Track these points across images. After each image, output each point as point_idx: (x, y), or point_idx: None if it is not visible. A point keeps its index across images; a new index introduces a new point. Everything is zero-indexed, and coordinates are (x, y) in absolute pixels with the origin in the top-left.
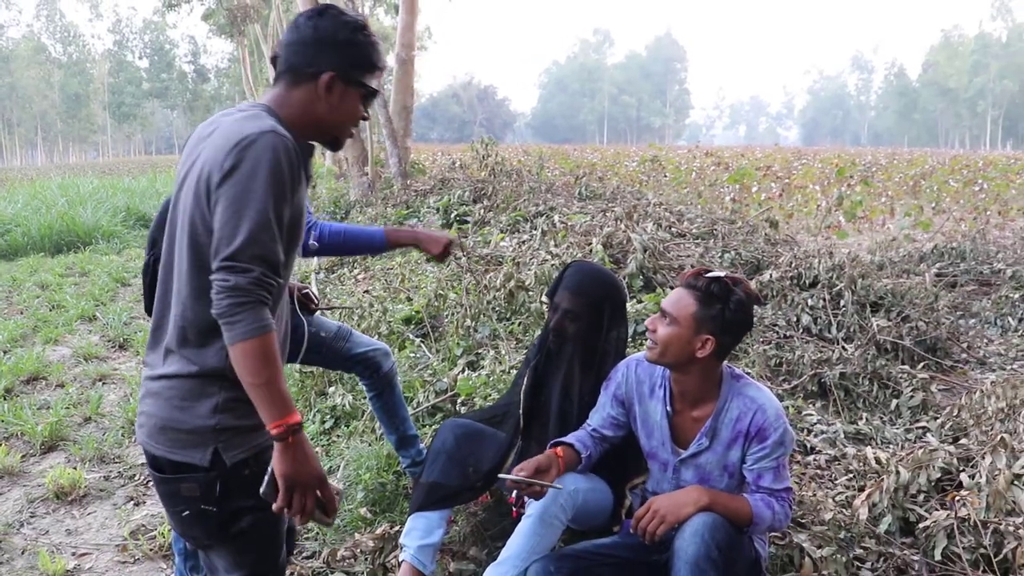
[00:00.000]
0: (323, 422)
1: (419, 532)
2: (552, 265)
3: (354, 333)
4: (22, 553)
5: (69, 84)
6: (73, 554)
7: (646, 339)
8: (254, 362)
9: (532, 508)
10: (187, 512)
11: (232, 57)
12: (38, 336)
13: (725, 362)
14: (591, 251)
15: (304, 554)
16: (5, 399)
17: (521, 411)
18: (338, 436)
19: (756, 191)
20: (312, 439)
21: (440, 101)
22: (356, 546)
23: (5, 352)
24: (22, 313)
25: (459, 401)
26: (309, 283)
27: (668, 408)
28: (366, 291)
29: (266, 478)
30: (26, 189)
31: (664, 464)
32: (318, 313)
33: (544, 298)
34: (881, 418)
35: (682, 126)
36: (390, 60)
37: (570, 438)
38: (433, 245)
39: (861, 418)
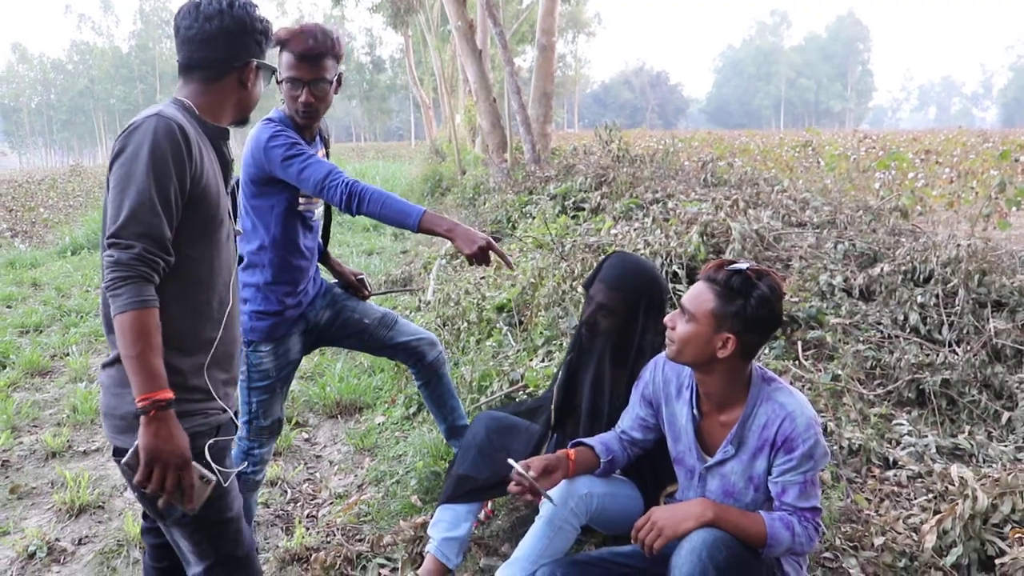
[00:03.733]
0: (407, 407)
1: (445, 524)
2: (642, 255)
3: (400, 321)
4: (119, 515)
5: None
6: None
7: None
8: (128, 335)
9: (544, 510)
10: (137, 495)
11: (404, 47)
12: None
13: (756, 363)
14: (688, 240)
15: (357, 536)
16: None
17: (553, 406)
18: (419, 422)
19: (912, 177)
20: (395, 424)
21: (612, 87)
22: (398, 533)
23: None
24: None
25: (527, 391)
26: (432, 268)
27: (695, 411)
28: (482, 278)
29: (131, 449)
30: None
31: (691, 471)
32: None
33: (580, 288)
34: (989, 433)
35: (865, 109)
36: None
37: (593, 440)
38: (466, 244)
39: (963, 431)
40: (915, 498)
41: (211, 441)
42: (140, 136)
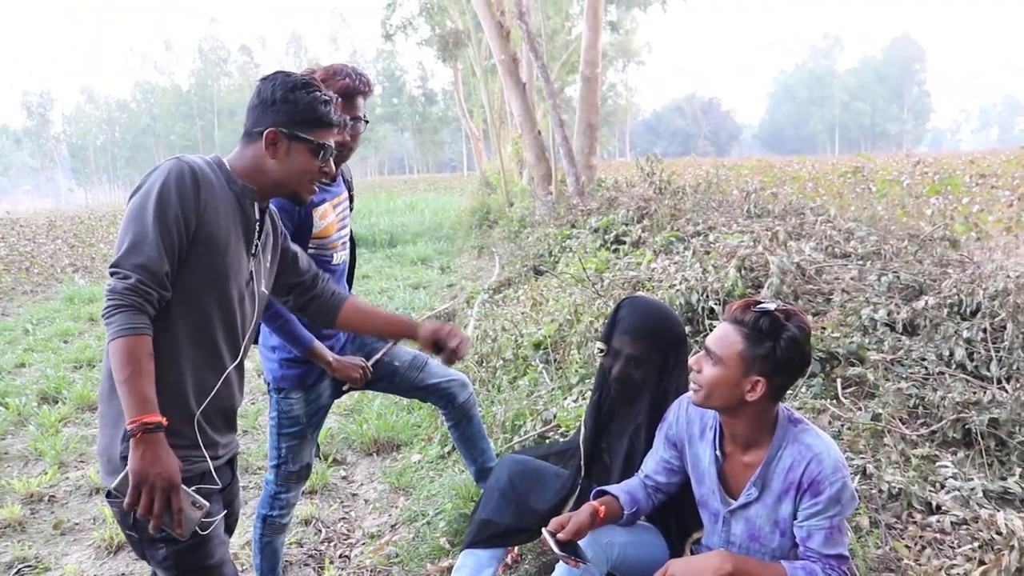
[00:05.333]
0: (443, 446)
1: (468, 569)
2: (678, 291)
3: (430, 363)
4: None
5: None
6: None
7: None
8: (119, 360)
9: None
10: (125, 533)
11: (454, 80)
12: None
13: (782, 404)
14: (725, 275)
15: None
16: None
17: (583, 458)
18: (453, 461)
19: (966, 202)
20: (430, 463)
21: (663, 115)
22: None
23: None
24: None
25: (559, 432)
26: (475, 302)
27: (717, 452)
28: (522, 313)
29: (120, 475)
30: None
31: (715, 515)
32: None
33: (599, 344)
34: None
35: (923, 132)
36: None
37: (617, 489)
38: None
39: (1014, 474)
40: (959, 546)
41: (194, 488)
42: (156, 175)
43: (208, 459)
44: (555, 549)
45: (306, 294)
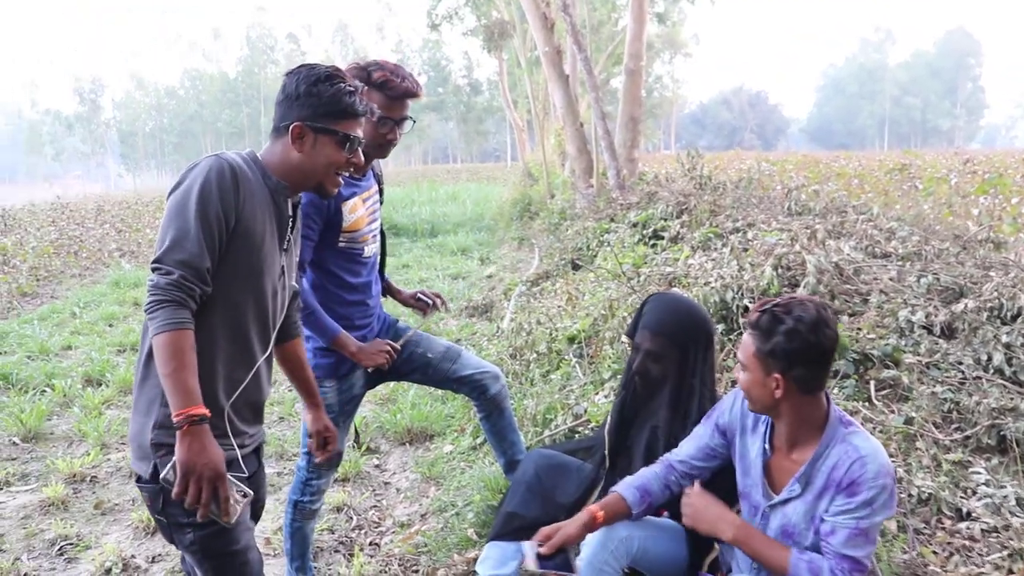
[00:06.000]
0: (475, 437)
1: (492, 561)
2: (712, 288)
3: (463, 354)
4: None
5: None
6: None
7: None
8: (163, 354)
9: (584, 552)
10: (155, 519)
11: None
12: None
13: (835, 406)
14: (761, 273)
15: (413, 567)
16: None
17: (607, 451)
18: (484, 453)
19: (1016, 202)
20: (462, 454)
21: (710, 108)
22: (451, 567)
23: None
24: None
25: (589, 427)
26: (512, 294)
27: (767, 446)
28: (560, 307)
29: (169, 465)
30: None
31: (755, 507)
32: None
33: (624, 337)
34: None
35: (976, 128)
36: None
37: (627, 485)
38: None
39: None
40: (988, 554)
41: None
42: (196, 172)
43: (236, 447)
44: (532, 567)
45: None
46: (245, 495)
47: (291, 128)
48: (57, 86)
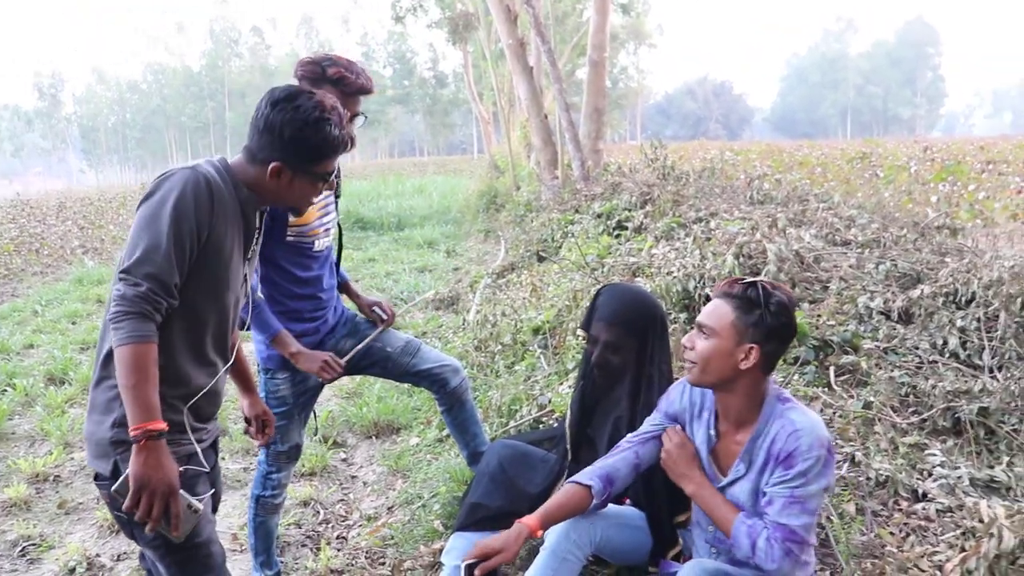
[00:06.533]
0: (441, 429)
1: (457, 552)
2: (675, 277)
3: (423, 348)
4: None
5: None
6: None
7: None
8: (125, 367)
9: (547, 541)
10: (115, 517)
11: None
12: None
13: (772, 383)
14: (723, 262)
15: (380, 559)
16: None
17: (568, 445)
18: (451, 444)
19: (972, 189)
20: (429, 446)
21: (675, 98)
22: (417, 559)
23: None
24: None
25: (554, 417)
26: (478, 287)
27: (712, 431)
28: (525, 298)
29: (121, 478)
30: None
31: None
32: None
33: (579, 330)
34: None
35: (936, 116)
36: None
37: (590, 474)
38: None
39: (1001, 463)
40: (943, 534)
41: (181, 469)
42: (172, 184)
43: (195, 443)
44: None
45: None
46: (196, 511)
47: (270, 168)
48: (16, 81)
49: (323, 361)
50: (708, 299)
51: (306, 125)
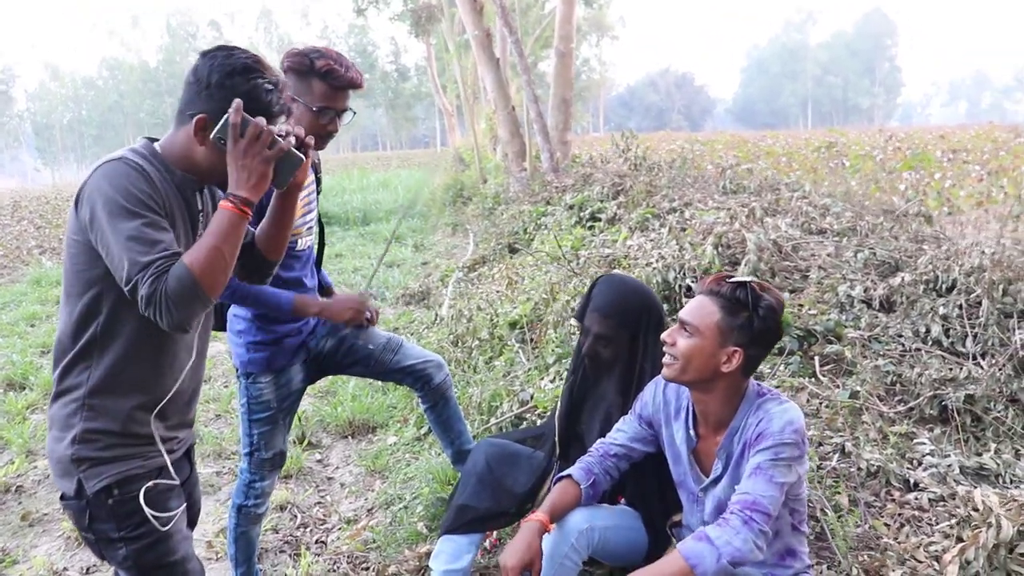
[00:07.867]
0: (419, 427)
1: (446, 556)
2: (654, 269)
3: (404, 345)
4: None
5: None
6: None
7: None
8: (220, 233)
9: (545, 547)
10: (83, 538)
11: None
12: None
13: (752, 380)
14: (701, 253)
15: (363, 564)
16: None
17: (556, 439)
18: (430, 443)
19: (939, 178)
20: (407, 445)
21: (637, 90)
22: (402, 563)
23: None
24: None
25: (536, 413)
26: (449, 281)
27: (692, 433)
28: (498, 291)
29: (220, 123)
30: None
31: (692, 494)
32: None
33: (571, 320)
34: (1017, 451)
35: (893, 106)
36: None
37: (573, 469)
38: (338, 315)
39: (989, 450)
40: (937, 523)
41: (150, 484)
42: (102, 184)
43: (164, 453)
44: None
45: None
46: (163, 523)
47: (196, 119)
48: None
49: (353, 307)
50: (689, 290)
51: (235, 72)
